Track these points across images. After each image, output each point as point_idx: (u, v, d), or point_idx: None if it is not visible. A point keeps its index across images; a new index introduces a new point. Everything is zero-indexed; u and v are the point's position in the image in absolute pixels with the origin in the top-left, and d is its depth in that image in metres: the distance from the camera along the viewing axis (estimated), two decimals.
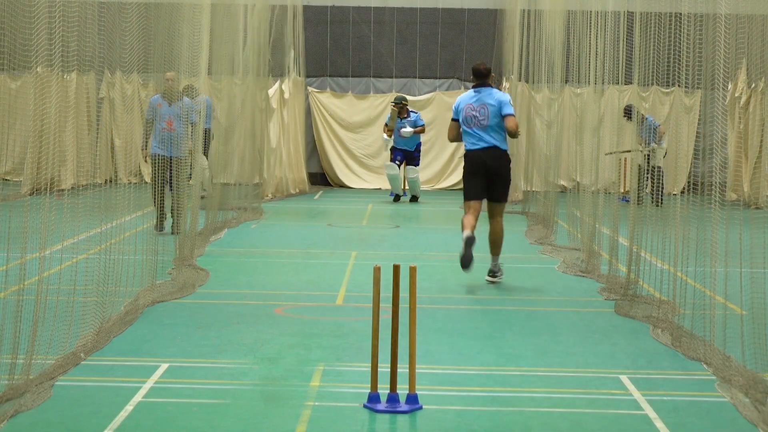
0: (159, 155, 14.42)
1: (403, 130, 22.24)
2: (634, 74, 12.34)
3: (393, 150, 22.52)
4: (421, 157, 22.95)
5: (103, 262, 9.49)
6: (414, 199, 22.73)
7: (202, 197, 15.63)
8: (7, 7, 7.55)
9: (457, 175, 25.83)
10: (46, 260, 7.71)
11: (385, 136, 22.65)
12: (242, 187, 18.78)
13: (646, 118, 20.52)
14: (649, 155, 20.02)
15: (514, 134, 11.98)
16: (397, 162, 22.29)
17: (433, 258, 14.17)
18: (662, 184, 19.53)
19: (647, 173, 19.03)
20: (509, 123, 11.89)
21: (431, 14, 25.87)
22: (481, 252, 11.98)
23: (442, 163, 25.72)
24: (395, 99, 22.82)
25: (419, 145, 22.70)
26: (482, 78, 12.10)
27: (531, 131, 23.22)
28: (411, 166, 22.43)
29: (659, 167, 19.40)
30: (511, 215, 20.08)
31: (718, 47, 8.83)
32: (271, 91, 22.31)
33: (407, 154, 22.45)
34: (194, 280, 11.83)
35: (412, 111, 22.72)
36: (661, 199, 16.89)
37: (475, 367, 8.40)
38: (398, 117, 22.45)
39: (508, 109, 11.92)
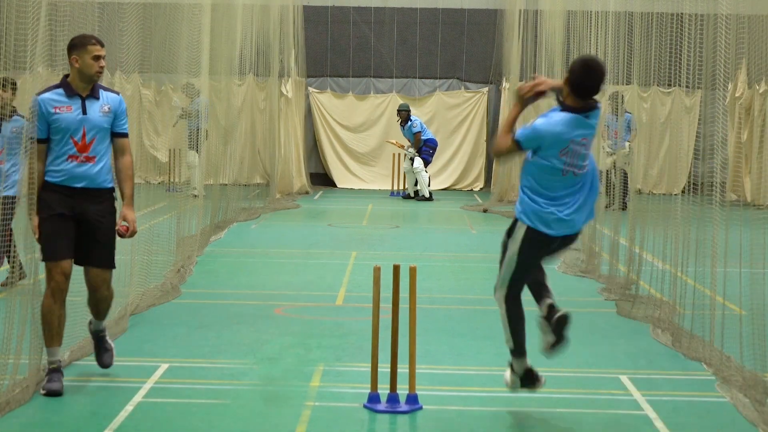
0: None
1: (409, 150, 22.85)
2: (633, 74, 12.33)
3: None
4: (427, 158, 23.06)
5: None
6: (407, 196, 23.04)
7: (195, 196, 15.61)
8: (7, 7, 7.54)
9: (457, 175, 25.83)
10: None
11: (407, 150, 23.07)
12: (242, 188, 18.77)
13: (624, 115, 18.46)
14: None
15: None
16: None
17: (433, 258, 14.17)
18: (627, 187, 15.19)
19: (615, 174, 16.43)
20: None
21: (431, 14, 25.86)
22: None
23: (442, 163, 25.69)
24: (399, 107, 23.27)
25: (422, 145, 22.92)
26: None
27: None
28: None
29: (623, 170, 16.73)
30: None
31: (719, 47, 8.82)
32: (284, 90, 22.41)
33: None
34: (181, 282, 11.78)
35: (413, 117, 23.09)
36: (625, 203, 14.16)
37: (475, 367, 8.40)
38: (400, 126, 23.17)
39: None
